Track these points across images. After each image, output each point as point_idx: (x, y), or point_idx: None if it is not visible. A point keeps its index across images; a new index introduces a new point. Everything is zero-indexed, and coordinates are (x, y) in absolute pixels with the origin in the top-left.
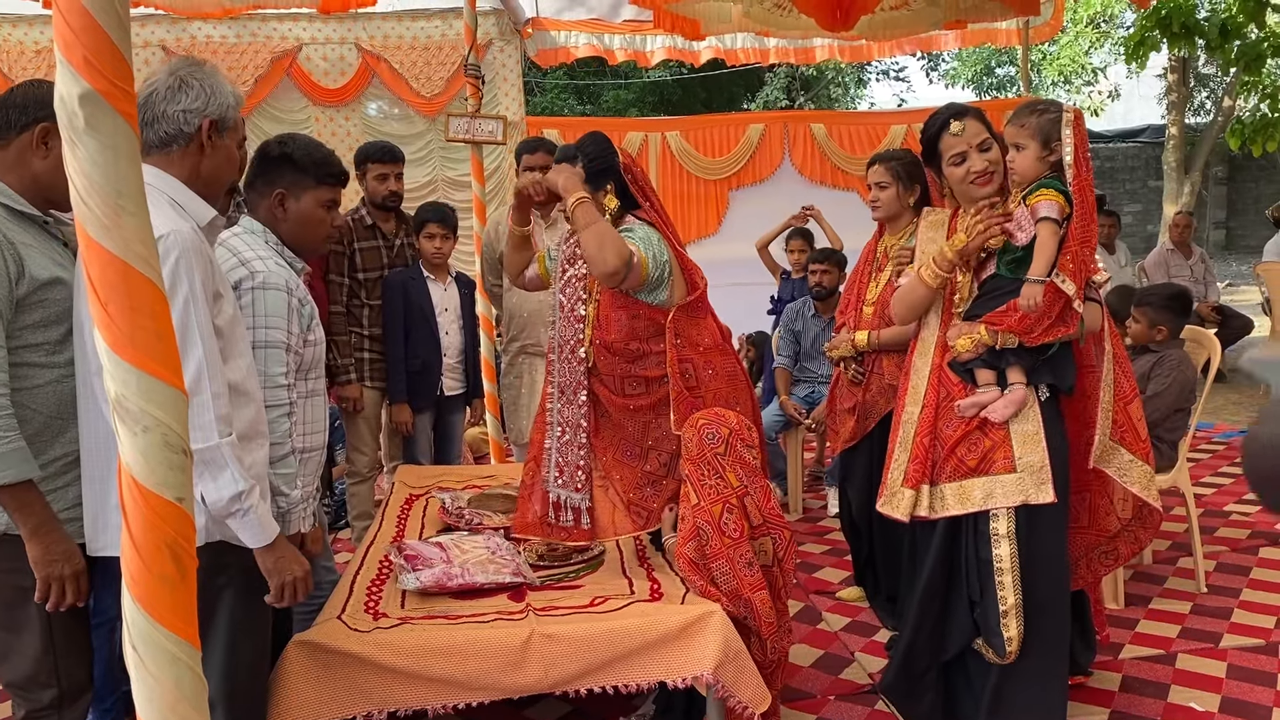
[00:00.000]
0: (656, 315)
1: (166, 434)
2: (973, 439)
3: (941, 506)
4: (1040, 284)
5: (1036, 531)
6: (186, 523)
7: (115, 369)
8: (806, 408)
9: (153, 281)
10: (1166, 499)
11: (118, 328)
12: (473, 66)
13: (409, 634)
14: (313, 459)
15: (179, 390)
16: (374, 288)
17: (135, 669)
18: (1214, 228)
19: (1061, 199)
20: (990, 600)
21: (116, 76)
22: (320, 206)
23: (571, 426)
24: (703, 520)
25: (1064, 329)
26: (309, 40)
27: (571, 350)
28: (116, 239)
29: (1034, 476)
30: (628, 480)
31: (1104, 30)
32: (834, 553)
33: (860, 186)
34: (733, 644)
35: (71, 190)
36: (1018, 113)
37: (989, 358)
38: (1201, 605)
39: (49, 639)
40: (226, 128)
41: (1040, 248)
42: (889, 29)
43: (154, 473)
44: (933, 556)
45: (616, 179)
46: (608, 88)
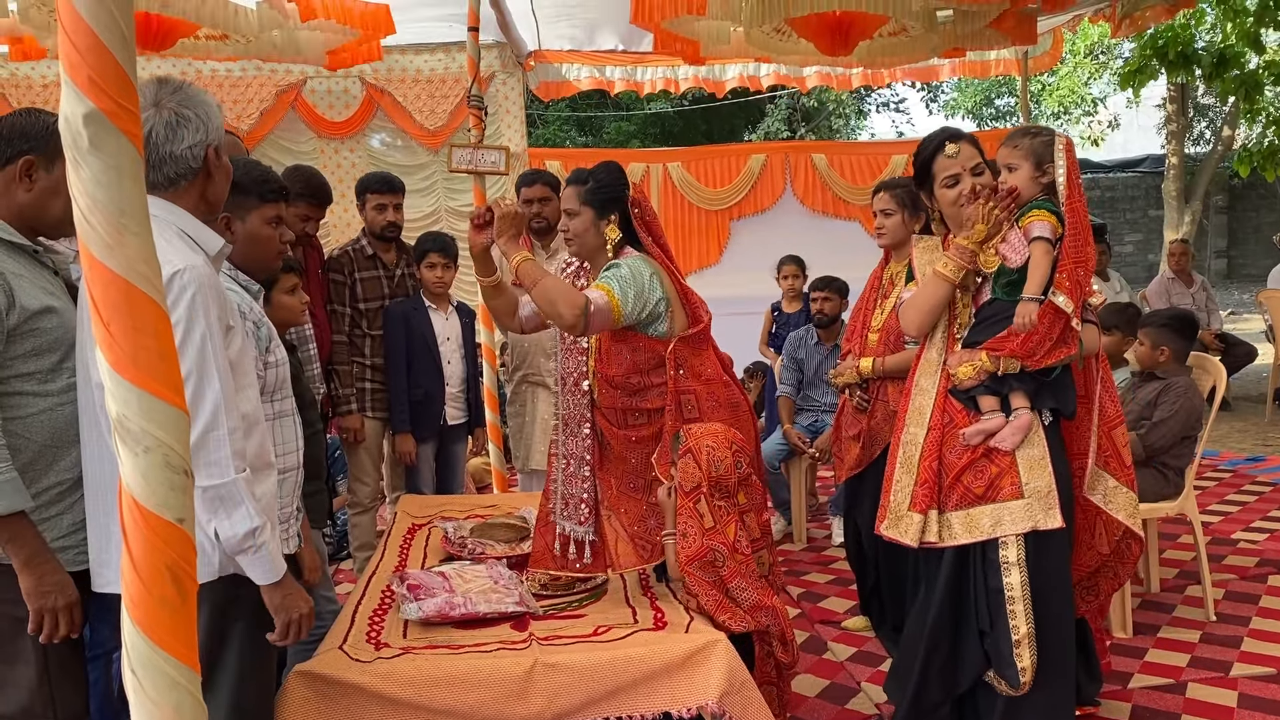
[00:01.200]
0: (657, 346)
1: (168, 454)
2: (979, 466)
3: (949, 535)
4: (1035, 302)
5: (1045, 558)
6: (187, 545)
7: (117, 389)
8: (810, 436)
9: (155, 301)
10: (1173, 527)
11: (120, 347)
12: (475, 98)
13: (411, 664)
14: (288, 479)
15: (181, 410)
16: (375, 317)
17: (134, 694)
18: (1215, 256)
19: (1053, 219)
20: (1002, 630)
21: (121, 96)
22: (266, 224)
23: (575, 459)
24: (718, 543)
25: (1065, 350)
26: (313, 74)
27: (575, 383)
28: (119, 258)
29: (1042, 502)
30: (631, 513)
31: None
32: (839, 582)
33: (862, 216)
34: (738, 673)
35: (75, 209)
36: (1011, 136)
37: (991, 384)
38: (1211, 634)
39: (45, 670)
40: (222, 148)
41: (1034, 267)
42: (888, 55)
43: (155, 493)
44: (941, 588)
45: (623, 211)
46: (609, 119)
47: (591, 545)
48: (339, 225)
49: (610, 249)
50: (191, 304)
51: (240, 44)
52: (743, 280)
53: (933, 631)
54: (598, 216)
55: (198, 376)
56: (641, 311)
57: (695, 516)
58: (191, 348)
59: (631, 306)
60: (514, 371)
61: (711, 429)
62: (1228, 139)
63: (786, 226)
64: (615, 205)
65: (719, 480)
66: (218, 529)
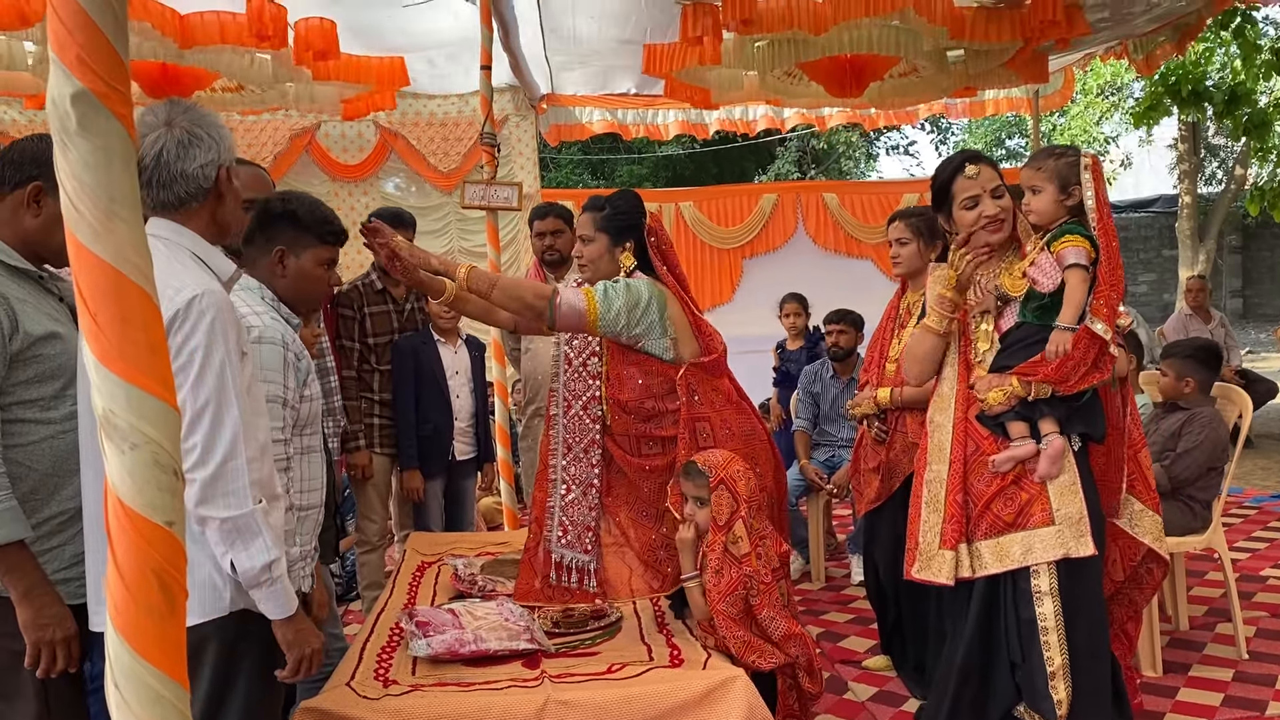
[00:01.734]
0: (669, 371)
1: (156, 452)
2: (1008, 493)
3: (980, 566)
4: (1070, 332)
5: (1078, 586)
6: (176, 550)
7: (103, 383)
8: (827, 472)
9: (145, 291)
10: (1199, 564)
11: (106, 339)
12: (488, 135)
13: (420, 701)
14: (309, 517)
15: (170, 406)
16: (384, 352)
17: (117, 710)
18: (1230, 296)
19: (1087, 244)
20: (1036, 662)
21: (111, 77)
22: (320, 265)
23: (581, 485)
24: (752, 570)
25: (1098, 375)
26: (327, 118)
27: (584, 406)
28: (108, 245)
29: (1073, 529)
30: (644, 542)
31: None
32: (859, 621)
33: (875, 254)
34: (758, 710)
35: (62, 194)
36: (1034, 157)
37: (1021, 409)
38: (1244, 672)
39: (45, 706)
40: (234, 169)
41: (1070, 295)
42: (899, 96)
43: (141, 493)
44: (972, 622)
45: (638, 239)
46: (621, 163)
47: (594, 573)
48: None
49: (623, 276)
50: (211, 329)
51: (256, 95)
52: (755, 318)
53: (963, 665)
54: (612, 244)
55: (217, 404)
56: (630, 328)
57: (727, 553)
58: (211, 374)
59: (614, 316)
60: (526, 405)
61: (724, 456)
62: (1240, 178)
63: (799, 265)
64: (631, 233)
65: (750, 501)
66: (234, 561)
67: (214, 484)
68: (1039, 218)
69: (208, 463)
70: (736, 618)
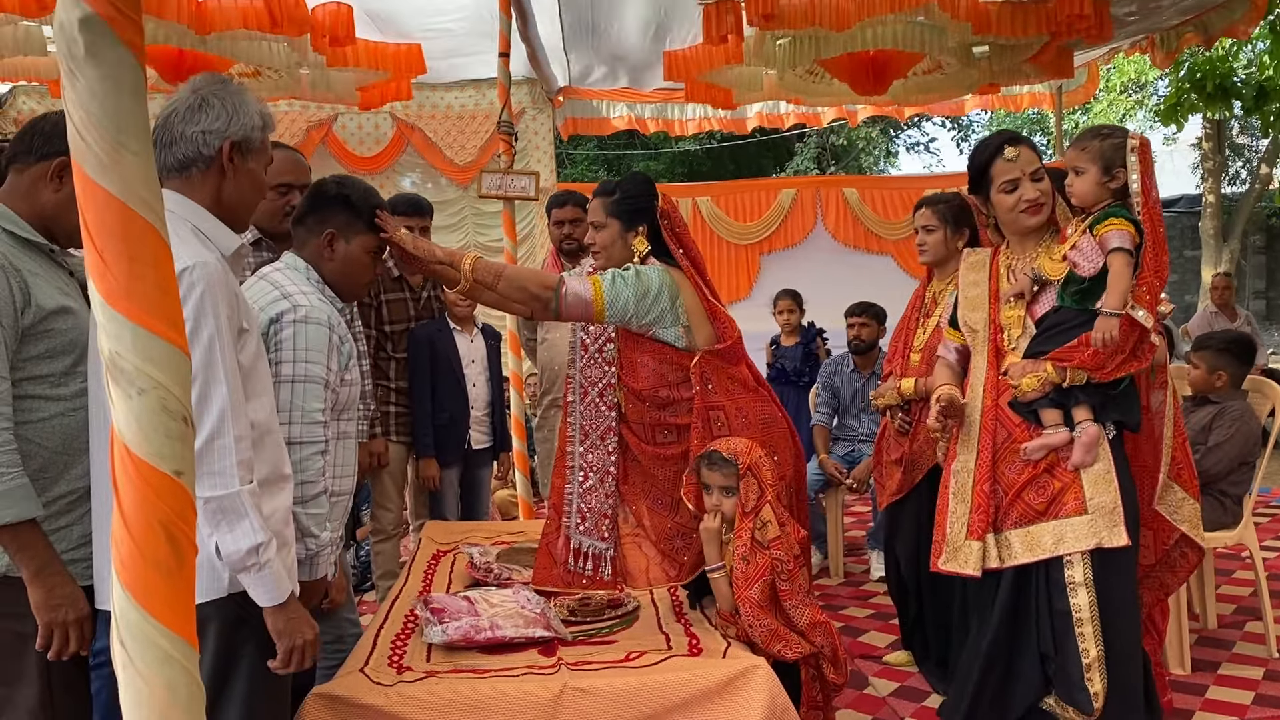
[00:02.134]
0: (682, 359)
1: (165, 398)
2: (1040, 481)
3: (1009, 555)
4: (1116, 317)
5: (1110, 577)
6: (185, 502)
7: (109, 323)
8: (846, 467)
9: (155, 228)
10: (1227, 562)
11: (113, 277)
12: (505, 124)
13: (434, 688)
14: (341, 503)
15: (180, 349)
16: (400, 340)
17: (123, 669)
18: (1254, 297)
19: (1132, 228)
20: (1071, 654)
21: (121, 0)
22: (367, 252)
23: (598, 472)
24: (782, 552)
25: (1137, 363)
26: (344, 110)
27: (600, 393)
28: (115, 178)
29: (1106, 518)
30: (660, 531)
31: (1138, 99)
32: (878, 616)
33: (894, 250)
34: (780, 700)
35: (69, 126)
36: (1080, 137)
37: (1055, 396)
38: (1275, 670)
39: (47, 691)
40: (250, 150)
41: (1115, 280)
42: (922, 93)
43: (149, 441)
44: (999, 611)
45: (651, 223)
46: (637, 159)
47: (610, 560)
48: None
49: (637, 261)
50: (200, 302)
51: (272, 81)
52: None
53: (989, 655)
54: (625, 228)
55: (204, 379)
56: (640, 317)
57: (753, 540)
58: (198, 349)
59: (622, 306)
60: (543, 395)
61: (745, 443)
62: (1265, 177)
63: (817, 261)
64: (643, 217)
65: (775, 486)
66: (219, 543)
67: (200, 462)
68: (1080, 200)
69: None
70: (764, 605)
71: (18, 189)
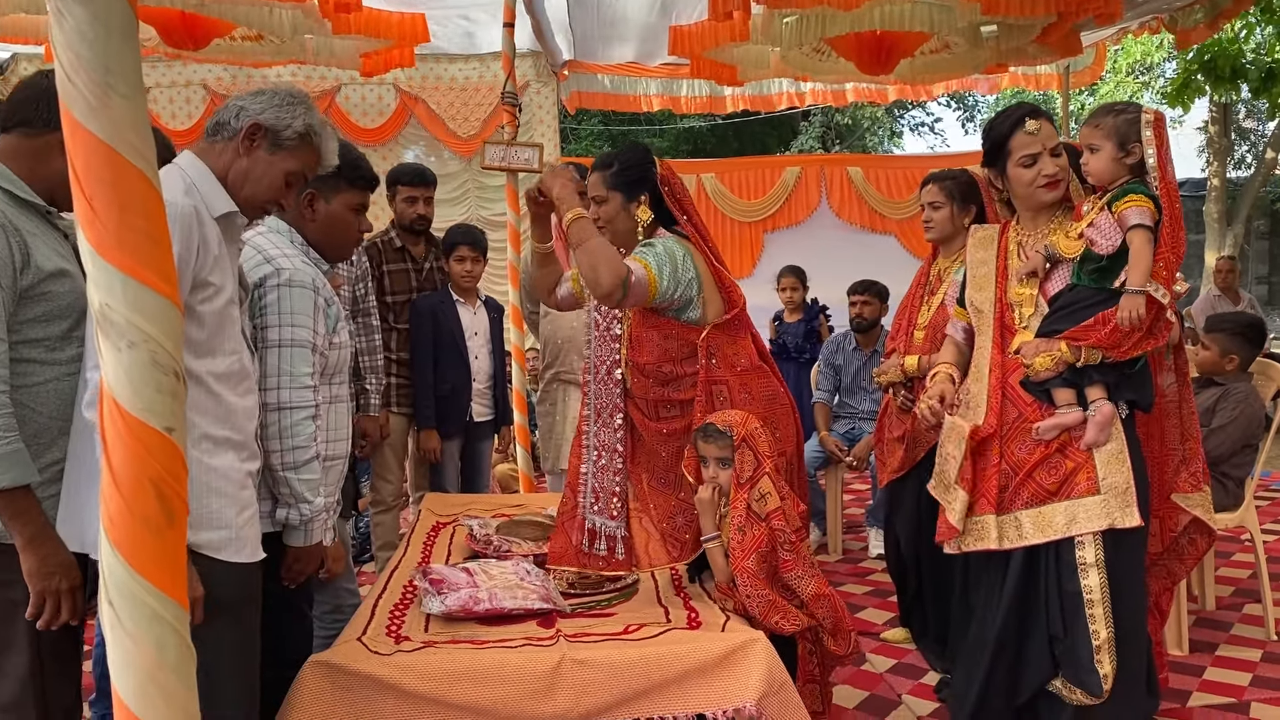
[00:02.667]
0: (689, 334)
1: (155, 352)
2: (1052, 462)
3: (1019, 536)
4: (1141, 295)
5: (1121, 558)
6: (176, 458)
7: (99, 274)
8: (847, 444)
9: (145, 175)
10: (1226, 545)
11: (103, 225)
12: (510, 95)
13: (432, 657)
14: (335, 467)
15: (171, 302)
16: (402, 311)
17: (111, 629)
18: (1256, 282)
19: (1150, 204)
20: (1080, 636)
21: None
22: (349, 210)
23: (607, 451)
24: (781, 524)
25: (1154, 341)
26: (347, 80)
27: (608, 371)
28: (104, 122)
29: (1119, 499)
30: (662, 509)
31: (1144, 81)
32: (877, 593)
33: (898, 230)
34: (778, 674)
35: (56, 67)
36: (1094, 114)
37: (1069, 375)
38: (1272, 653)
39: (37, 660)
40: (278, 145)
41: (1137, 257)
42: (929, 73)
43: (139, 396)
44: (1009, 593)
45: (652, 191)
46: (641, 134)
47: (624, 540)
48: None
49: (642, 231)
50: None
51: (275, 45)
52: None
53: (999, 637)
54: (626, 200)
55: None
56: (675, 291)
57: (750, 510)
58: None
59: (667, 284)
60: (545, 369)
61: (741, 415)
62: (1270, 161)
63: (821, 239)
64: (643, 186)
65: (773, 458)
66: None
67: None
68: (1096, 177)
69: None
70: (761, 576)
71: (20, 151)
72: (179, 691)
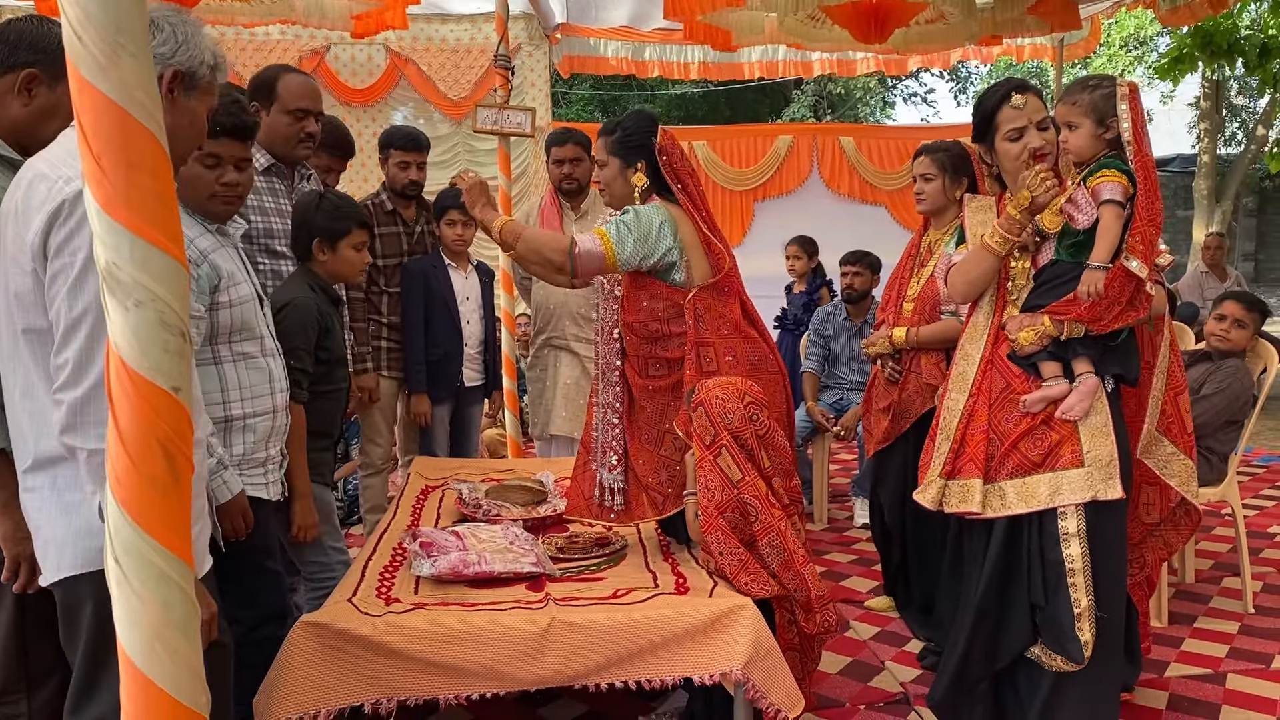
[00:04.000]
0: (676, 296)
1: (163, 311)
2: (1038, 433)
3: (1003, 505)
4: (1103, 270)
5: (1102, 529)
6: (183, 418)
7: (107, 234)
8: (834, 414)
9: (154, 134)
10: (1207, 519)
11: (111, 185)
12: (502, 57)
13: (422, 619)
14: (257, 425)
15: (178, 262)
16: (393, 274)
17: (117, 586)
18: (1243, 259)
19: (1124, 179)
20: (1063, 604)
21: None
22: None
23: (608, 408)
24: (749, 496)
25: (1134, 314)
26: (337, 40)
27: (609, 332)
28: (114, 81)
29: (1102, 471)
30: (647, 464)
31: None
32: (861, 562)
33: (889, 202)
34: (764, 640)
35: (64, 25)
36: (1069, 90)
37: (1054, 349)
38: (1250, 625)
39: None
40: (194, 86)
41: (1103, 232)
42: (924, 42)
43: (146, 355)
44: (991, 561)
45: (649, 159)
46: (633, 100)
47: (623, 492)
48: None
49: (638, 197)
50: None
51: (265, 6)
52: (765, 262)
53: (980, 605)
54: (624, 165)
55: (97, 316)
56: (646, 259)
57: (717, 470)
58: (92, 281)
59: (631, 252)
60: (536, 335)
61: (723, 381)
62: (1261, 138)
63: (811, 209)
64: (641, 153)
65: (736, 433)
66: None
67: (86, 408)
68: (1077, 155)
69: (80, 383)
70: (733, 535)
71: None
72: (184, 649)
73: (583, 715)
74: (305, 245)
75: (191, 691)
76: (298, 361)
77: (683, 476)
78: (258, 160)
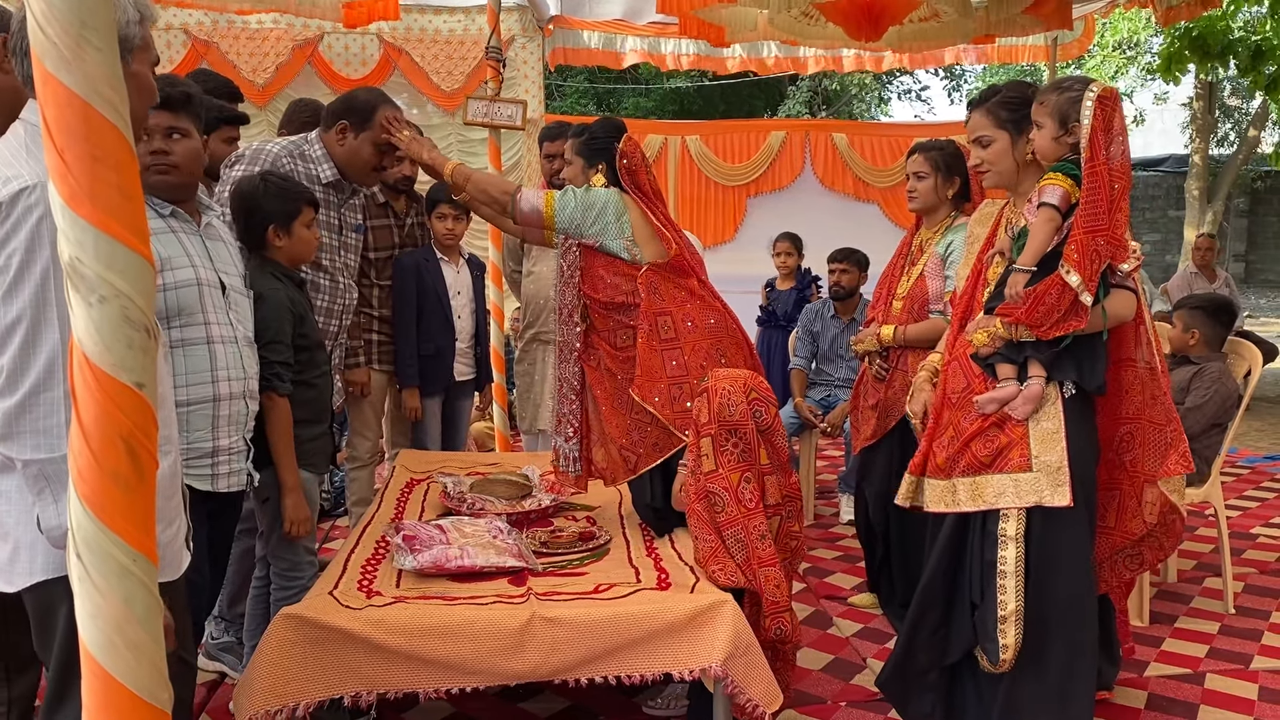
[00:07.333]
0: (632, 270)
1: (127, 307)
2: (989, 434)
3: (953, 501)
4: (1025, 273)
5: (1050, 535)
6: (147, 414)
7: (70, 228)
8: (822, 411)
9: (118, 128)
10: (1189, 519)
11: (75, 180)
12: (494, 49)
13: (403, 612)
14: (198, 411)
15: (144, 257)
16: (384, 267)
17: (79, 582)
18: (1234, 260)
19: (1068, 184)
20: (990, 604)
21: None
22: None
23: (564, 383)
24: (718, 487)
25: (1075, 322)
26: (331, 30)
27: (569, 314)
28: (78, 74)
29: (1050, 477)
30: (620, 426)
31: (1130, 56)
32: (846, 559)
33: (882, 199)
34: (744, 636)
35: (29, 17)
36: (1043, 89)
37: (1009, 351)
38: (1230, 626)
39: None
40: (130, 49)
41: (1031, 235)
42: (918, 41)
43: (110, 351)
44: (936, 556)
45: (609, 162)
46: (627, 94)
47: (580, 460)
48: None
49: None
50: (36, 230)
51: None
52: (757, 258)
53: (924, 595)
54: (586, 166)
55: (33, 320)
56: (585, 227)
57: (696, 455)
58: (29, 284)
59: (569, 214)
60: (525, 329)
61: (734, 374)
62: (1253, 139)
63: (804, 206)
64: (602, 156)
65: (733, 426)
66: (40, 515)
67: (20, 417)
68: (1041, 156)
69: (15, 390)
70: (706, 521)
71: None
72: (146, 644)
73: (564, 710)
74: (259, 234)
75: (153, 687)
76: (276, 355)
77: (655, 436)
78: (323, 172)
